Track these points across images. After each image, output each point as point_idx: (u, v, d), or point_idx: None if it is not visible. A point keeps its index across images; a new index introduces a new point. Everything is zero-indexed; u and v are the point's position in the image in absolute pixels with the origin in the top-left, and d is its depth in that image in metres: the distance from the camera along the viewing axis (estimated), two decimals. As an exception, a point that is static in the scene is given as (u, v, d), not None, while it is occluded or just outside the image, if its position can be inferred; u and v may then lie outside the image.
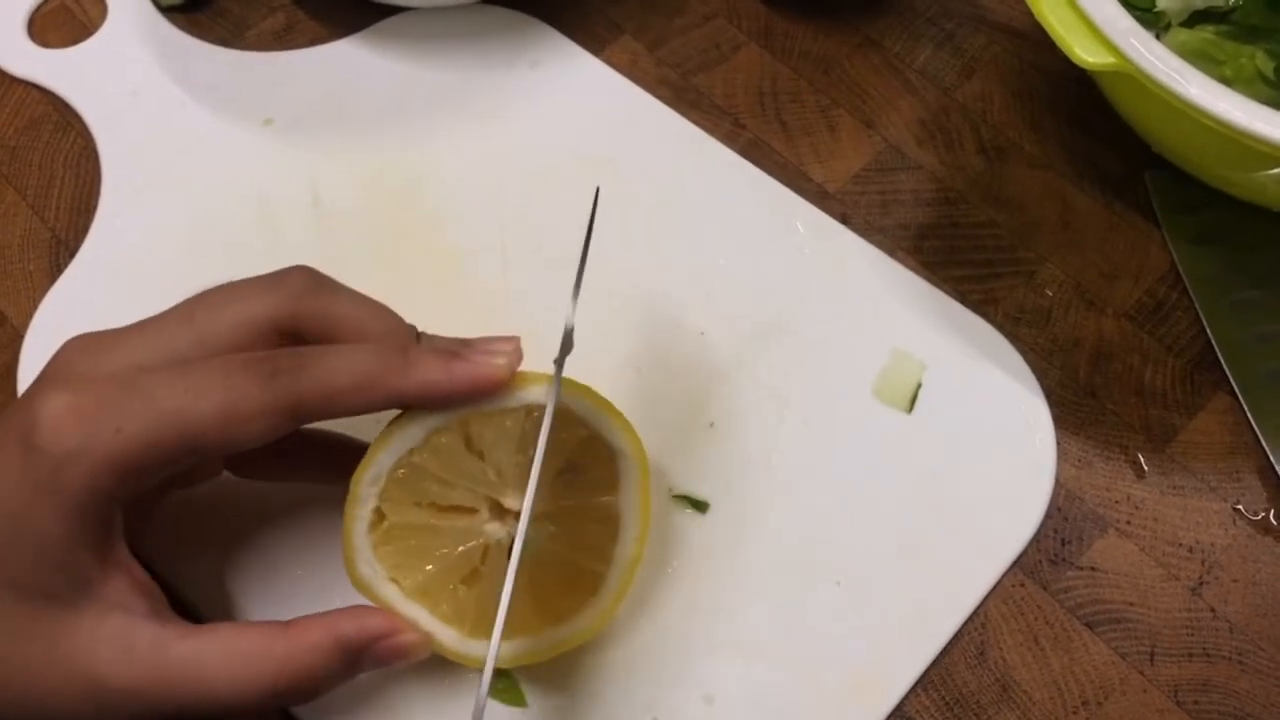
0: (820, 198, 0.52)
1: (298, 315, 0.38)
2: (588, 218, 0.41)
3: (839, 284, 0.49)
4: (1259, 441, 0.46)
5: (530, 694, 0.41)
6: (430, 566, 0.38)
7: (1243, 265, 0.50)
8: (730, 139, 0.53)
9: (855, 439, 0.46)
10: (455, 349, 0.38)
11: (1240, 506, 0.45)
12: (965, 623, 0.43)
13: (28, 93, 0.55)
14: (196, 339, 0.37)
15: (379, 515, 0.38)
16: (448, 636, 0.38)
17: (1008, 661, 0.42)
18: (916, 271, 0.50)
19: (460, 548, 0.38)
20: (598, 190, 0.42)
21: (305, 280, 0.38)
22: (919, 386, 0.47)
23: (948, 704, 0.41)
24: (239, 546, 0.44)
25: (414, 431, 0.37)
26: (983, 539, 0.44)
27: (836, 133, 0.54)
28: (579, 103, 0.54)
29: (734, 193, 0.52)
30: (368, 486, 0.37)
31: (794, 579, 0.43)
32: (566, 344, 0.38)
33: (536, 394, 0.38)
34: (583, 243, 0.40)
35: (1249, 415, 0.46)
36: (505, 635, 0.35)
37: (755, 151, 0.53)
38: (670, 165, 0.52)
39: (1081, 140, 0.53)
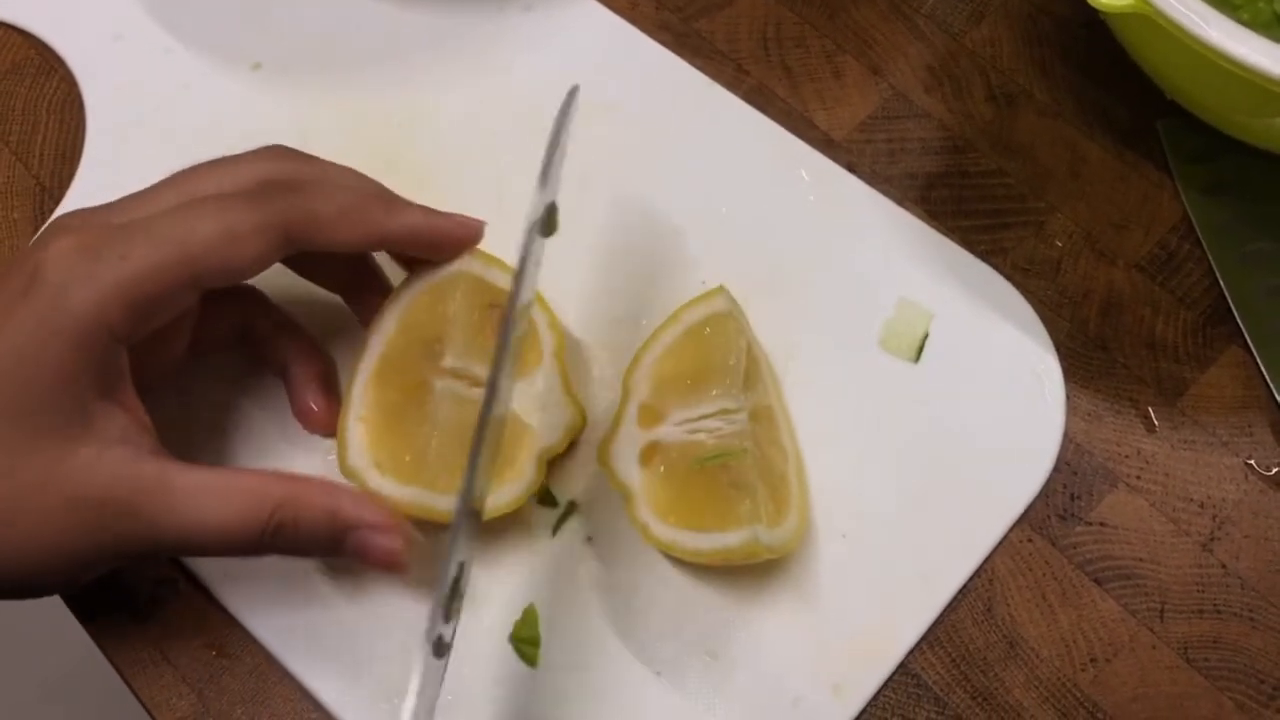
0: (826, 145, 0.50)
1: (283, 170, 0.40)
2: (559, 112, 0.43)
3: (845, 233, 0.48)
4: (1271, 395, 0.45)
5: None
6: (416, 444, 0.40)
7: (1256, 216, 0.49)
8: (733, 85, 0.52)
9: (861, 390, 0.45)
10: (431, 209, 0.42)
11: (1252, 461, 0.44)
12: (972, 578, 0.42)
13: (9, 36, 0.54)
14: (187, 197, 0.38)
15: (367, 409, 0.40)
16: (445, 504, 0.39)
17: (1015, 618, 0.41)
18: (924, 221, 0.48)
19: (437, 418, 0.40)
20: (575, 88, 0.44)
21: (288, 150, 0.42)
22: (926, 336, 0.46)
23: (954, 660, 0.41)
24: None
25: (387, 324, 0.41)
26: (990, 493, 0.43)
27: (842, 79, 0.52)
28: (575, 47, 0.53)
29: (737, 140, 0.50)
30: (356, 390, 0.41)
31: (798, 534, 0.42)
32: (546, 221, 0.41)
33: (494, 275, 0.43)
34: (551, 134, 0.42)
35: (1261, 368, 0.45)
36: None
37: (759, 98, 0.52)
38: (671, 112, 0.51)
39: (1092, 88, 0.52)
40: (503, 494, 0.40)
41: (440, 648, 0.34)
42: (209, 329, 0.42)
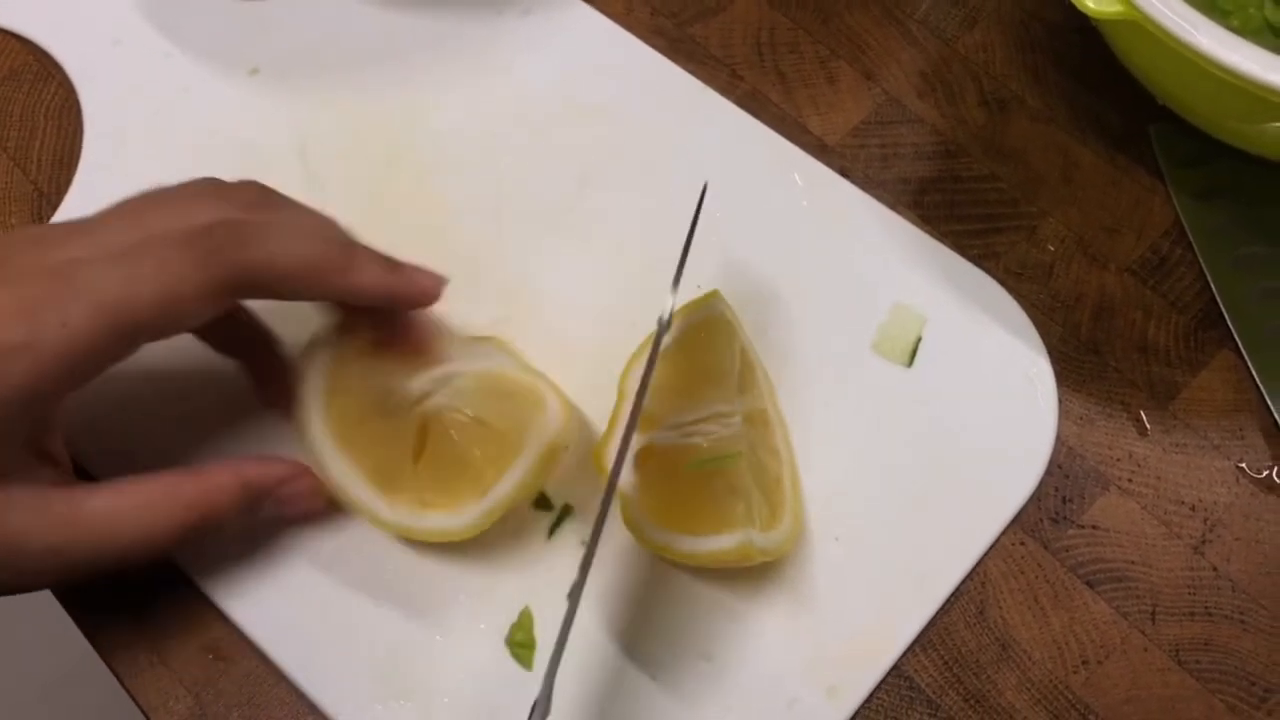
0: (819, 150, 0.51)
1: (241, 216, 0.38)
2: (694, 210, 0.43)
3: (838, 237, 0.48)
4: (1263, 399, 0.45)
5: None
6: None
7: (1248, 220, 0.49)
8: (727, 90, 0.52)
9: (855, 394, 0.45)
10: (393, 264, 0.40)
11: (1243, 465, 0.44)
12: (965, 581, 0.42)
13: (6, 42, 0.54)
14: (141, 237, 0.37)
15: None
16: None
17: (1007, 620, 0.42)
18: (917, 225, 0.49)
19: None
20: (705, 185, 0.44)
21: (255, 193, 0.40)
22: (919, 340, 0.46)
23: (947, 663, 0.41)
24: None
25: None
26: (983, 496, 0.43)
27: (836, 84, 0.53)
28: (571, 52, 0.53)
29: (731, 145, 0.51)
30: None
31: (792, 537, 0.42)
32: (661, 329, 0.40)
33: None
34: (686, 235, 0.42)
35: (1253, 372, 0.46)
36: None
37: (753, 103, 0.52)
38: (666, 116, 0.51)
39: (1084, 93, 0.52)
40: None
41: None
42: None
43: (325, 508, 0.41)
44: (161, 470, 0.38)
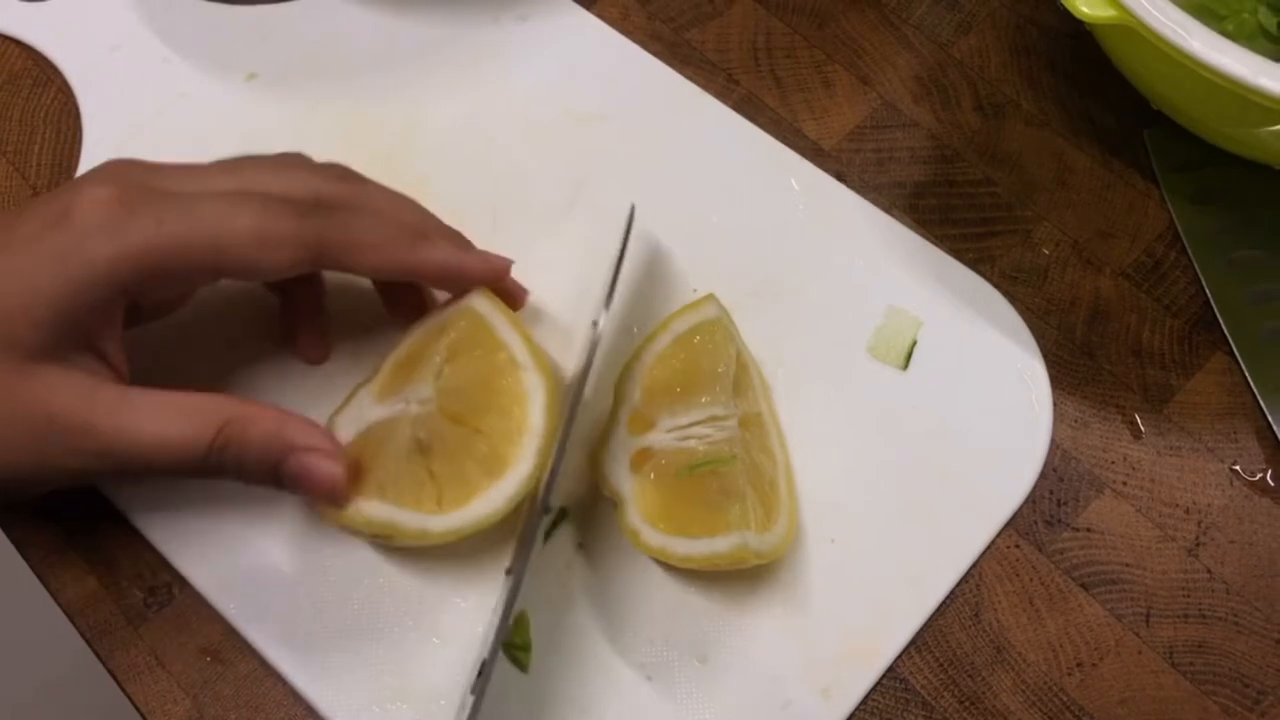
0: (815, 155, 0.51)
1: (336, 194, 0.40)
2: (623, 232, 0.44)
3: (834, 242, 0.48)
4: (1257, 402, 0.45)
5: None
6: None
7: (1242, 224, 0.49)
8: (723, 95, 0.52)
9: (850, 397, 0.45)
10: (465, 242, 0.44)
11: (1237, 467, 0.45)
12: (959, 583, 0.42)
13: (6, 47, 0.54)
14: (239, 187, 0.39)
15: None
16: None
17: (1002, 622, 0.42)
18: (913, 229, 0.49)
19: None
20: (633, 208, 0.45)
21: (341, 170, 0.42)
22: (914, 344, 0.46)
23: (942, 665, 0.41)
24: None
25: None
26: (977, 499, 0.43)
27: (832, 89, 0.53)
28: (569, 57, 0.53)
29: (727, 149, 0.51)
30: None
31: (787, 539, 0.42)
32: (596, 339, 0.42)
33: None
34: (617, 256, 0.43)
35: (1247, 375, 0.46)
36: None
37: (749, 108, 0.52)
38: (663, 121, 0.51)
39: (1079, 98, 0.53)
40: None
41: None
42: None
43: (337, 500, 0.40)
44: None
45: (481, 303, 0.42)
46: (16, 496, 0.41)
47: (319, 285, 0.45)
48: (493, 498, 0.40)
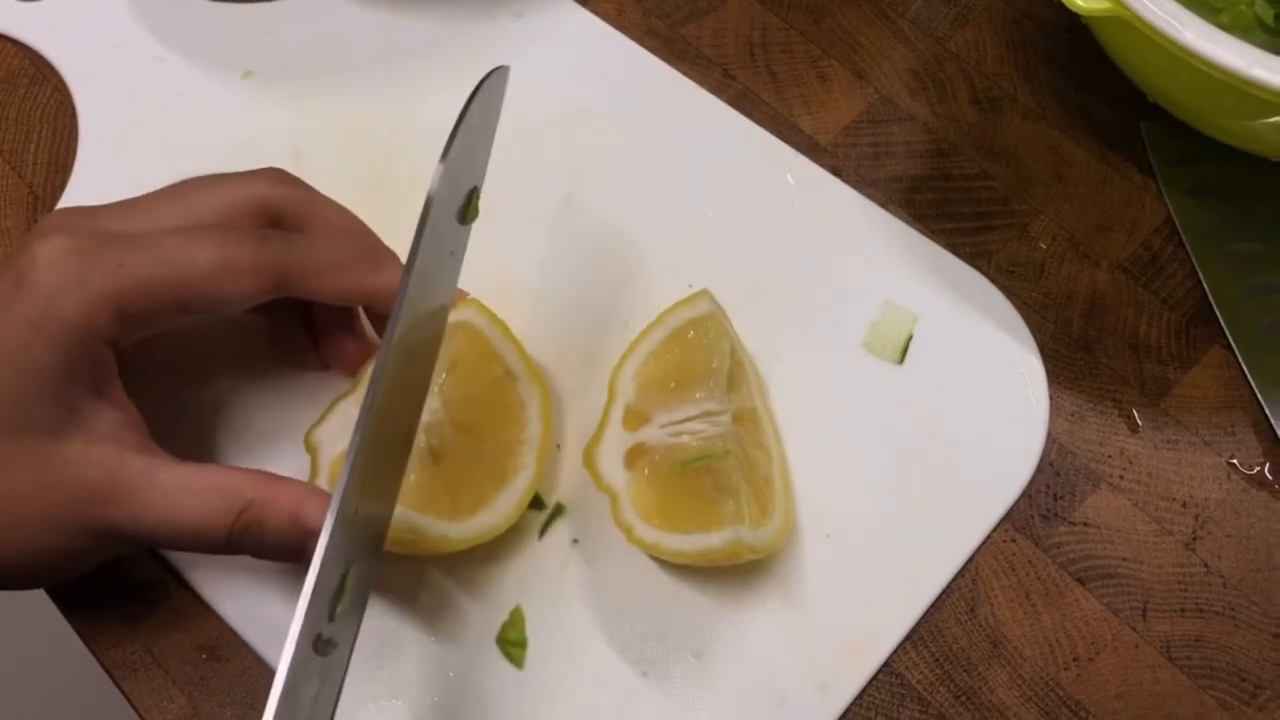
0: (811, 149, 0.51)
1: (281, 198, 0.41)
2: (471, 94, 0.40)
3: (830, 236, 0.48)
4: (1254, 395, 0.45)
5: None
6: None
7: (1238, 217, 0.49)
8: (719, 90, 0.52)
9: (846, 391, 0.45)
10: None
11: (1235, 461, 0.44)
12: (956, 578, 0.42)
13: (2, 46, 0.54)
14: (185, 213, 0.39)
15: None
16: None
17: (998, 617, 0.42)
18: (909, 224, 0.49)
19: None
20: (506, 70, 0.43)
21: (282, 172, 0.42)
22: (910, 338, 0.46)
23: (938, 660, 0.41)
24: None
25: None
26: (974, 493, 0.43)
27: (828, 83, 0.53)
28: (564, 53, 0.53)
29: (723, 144, 0.51)
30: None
31: (783, 534, 0.42)
32: (465, 208, 0.40)
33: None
34: (462, 108, 0.39)
35: (1244, 369, 0.46)
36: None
37: (745, 102, 0.52)
38: (658, 117, 0.51)
39: (1076, 91, 0.52)
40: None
41: (322, 645, 0.33)
42: None
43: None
44: (230, 464, 0.40)
45: (475, 315, 0.43)
46: (52, 579, 0.40)
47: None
48: (503, 504, 0.40)
